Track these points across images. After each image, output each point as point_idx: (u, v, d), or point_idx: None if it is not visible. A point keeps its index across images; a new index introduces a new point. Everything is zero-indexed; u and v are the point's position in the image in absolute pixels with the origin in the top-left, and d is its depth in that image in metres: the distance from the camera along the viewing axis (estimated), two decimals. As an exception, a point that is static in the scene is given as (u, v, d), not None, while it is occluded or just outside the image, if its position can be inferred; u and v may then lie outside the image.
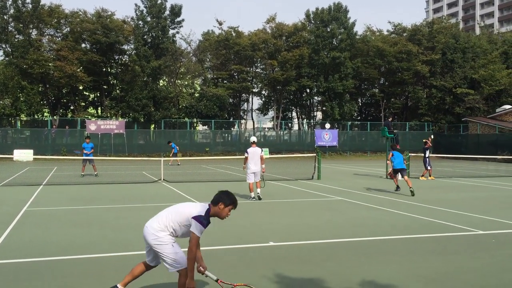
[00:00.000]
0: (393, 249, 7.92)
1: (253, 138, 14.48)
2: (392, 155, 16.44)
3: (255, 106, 56.52)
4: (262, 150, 14.33)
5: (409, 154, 22.21)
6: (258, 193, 13.89)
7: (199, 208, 5.01)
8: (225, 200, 5.08)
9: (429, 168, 21.83)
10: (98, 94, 48.01)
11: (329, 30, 47.75)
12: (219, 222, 10.22)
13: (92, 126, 38.96)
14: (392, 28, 53.01)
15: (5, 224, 9.71)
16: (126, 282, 5.26)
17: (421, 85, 52.81)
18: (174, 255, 4.91)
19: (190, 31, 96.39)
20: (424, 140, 23.45)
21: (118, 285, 5.26)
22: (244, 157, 14.35)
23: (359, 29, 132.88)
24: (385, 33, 53.18)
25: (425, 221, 10.49)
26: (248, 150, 14.04)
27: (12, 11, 41.13)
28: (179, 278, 4.99)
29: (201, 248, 7.73)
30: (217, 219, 5.15)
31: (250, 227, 9.74)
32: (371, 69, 49.68)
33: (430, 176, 21.72)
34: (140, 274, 5.31)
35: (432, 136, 22.72)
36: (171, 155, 30.68)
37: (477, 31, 76.20)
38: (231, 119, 49.77)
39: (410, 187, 15.07)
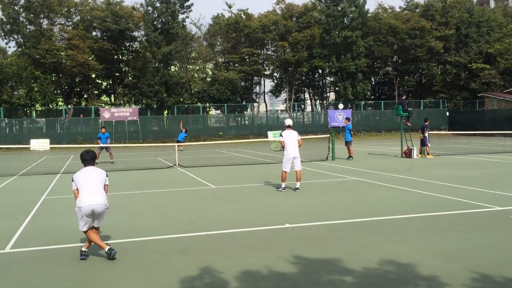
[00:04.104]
0: (409, 227, 7.91)
1: (289, 121, 12.47)
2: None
3: (267, 88, 56.36)
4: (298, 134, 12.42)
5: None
6: (297, 187, 11.97)
7: (100, 170, 6.89)
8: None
9: (428, 145, 21.59)
10: (111, 82, 48.28)
11: (340, 9, 47.15)
12: (234, 206, 10.29)
13: (106, 114, 39.24)
14: (405, 5, 52.17)
15: (25, 213, 9.89)
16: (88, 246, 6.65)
17: (435, 61, 52.05)
18: None
19: (200, 15, 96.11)
20: (425, 118, 23.20)
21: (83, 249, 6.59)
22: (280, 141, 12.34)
23: (371, 7, 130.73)
24: (397, 9, 52.42)
25: (441, 199, 10.43)
26: (283, 133, 12.21)
27: (22, 1, 41.32)
28: (97, 233, 6.71)
29: (218, 232, 7.83)
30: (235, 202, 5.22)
31: (266, 210, 9.78)
32: (383, 47, 49.04)
33: (428, 154, 21.38)
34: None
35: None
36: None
37: (492, 4, 74.51)
38: (244, 103, 49.70)
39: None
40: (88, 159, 6.86)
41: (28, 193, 12.80)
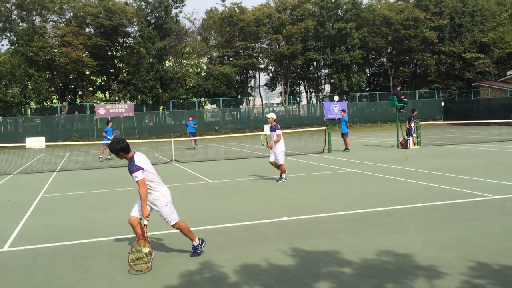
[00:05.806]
0: (407, 218, 7.94)
1: (272, 115, 12.75)
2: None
3: (263, 82, 56.35)
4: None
5: (420, 122, 22.09)
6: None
7: None
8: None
9: (414, 135, 21.67)
10: (105, 78, 48.06)
11: (333, 0, 47.04)
12: (232, 199, 10.31)
13: (101, 110, 39.08)
14: (398, -5, 52.12)
15: (22, 211, 9.87)
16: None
17: (430, 52, 52.07)
18: None
19: (193, 9, 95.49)
20: (412, 109, 23.27)
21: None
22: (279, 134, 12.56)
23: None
24: (391, 0, 52.30)
25: (438, 189, 10.47)
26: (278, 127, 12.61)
27: (14, -1, 41.00)
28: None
29: (215, 226, 7.84)
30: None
31: (263, 203, 9.80)
32: (378, 38, 49.02)
33: (414, 144, 21.47)
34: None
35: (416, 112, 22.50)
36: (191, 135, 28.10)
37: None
38: (239, 97, 49.61)
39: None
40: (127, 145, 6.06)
41: (25, 192, 12.77)
